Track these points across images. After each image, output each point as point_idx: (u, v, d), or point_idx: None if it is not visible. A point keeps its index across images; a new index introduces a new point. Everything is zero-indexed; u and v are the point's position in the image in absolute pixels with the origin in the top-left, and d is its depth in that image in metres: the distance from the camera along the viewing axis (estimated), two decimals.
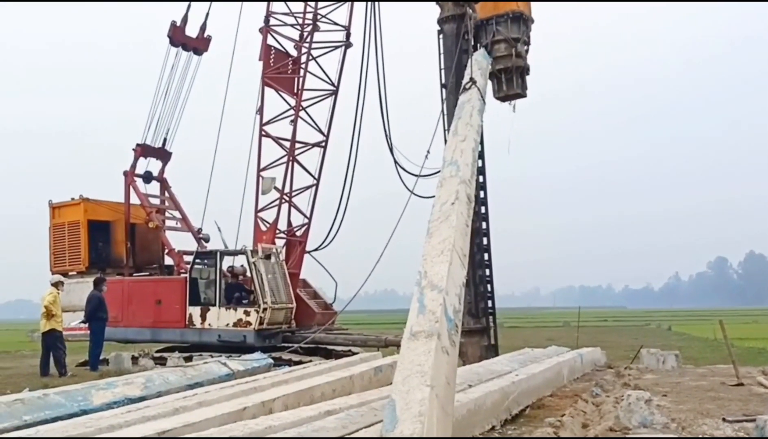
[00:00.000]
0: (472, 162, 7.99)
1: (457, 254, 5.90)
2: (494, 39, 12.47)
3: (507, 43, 12.39)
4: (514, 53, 12.37)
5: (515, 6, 12.38)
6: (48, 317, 13.02)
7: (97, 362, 13.74)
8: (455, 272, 5.70)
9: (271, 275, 14.50)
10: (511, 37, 12.40)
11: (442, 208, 6.64)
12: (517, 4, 12.44)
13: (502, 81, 12.55)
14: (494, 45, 12.50)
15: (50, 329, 13.03)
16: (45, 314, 13.04)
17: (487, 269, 13.97)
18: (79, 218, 16.21)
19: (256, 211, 15.41)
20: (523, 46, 12.58)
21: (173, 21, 17.03)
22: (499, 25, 12.40)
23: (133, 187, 16.58)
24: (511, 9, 12.36)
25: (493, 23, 12.41)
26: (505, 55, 12.42)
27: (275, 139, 15.34)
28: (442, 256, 5.76)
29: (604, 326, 40.02)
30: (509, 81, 12.55)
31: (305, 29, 15.39)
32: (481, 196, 13.97)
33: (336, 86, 15.45)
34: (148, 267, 16.76)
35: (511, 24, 12.43)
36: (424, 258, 5.82)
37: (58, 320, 13.13)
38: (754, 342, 20.56)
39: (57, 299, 13.24)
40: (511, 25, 12.44)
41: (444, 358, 4.85)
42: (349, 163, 15.17)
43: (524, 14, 12.56)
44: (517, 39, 12.44)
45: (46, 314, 13.02)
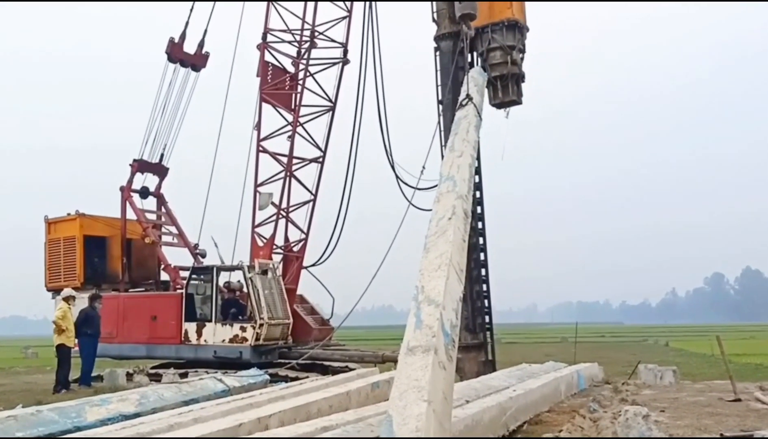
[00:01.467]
0: (468, 177, 8.02)
1: (454, 269, 5.90)
2: (490, 46, 12.64)
3: (502, 51, 12.57)
4: (510, 61, 12.55)
5: (510, 14, 12.59)
6: (59, 332, 13.02)
7: (88, 378, 13.63)
8: (452, 286, 5.69)
9: (268, 291, 14.46)
10: (507, 44, 12.58)
11: (439, 223, 6.65)
12: (512, 12, 12.63)
13: (497, 88, 12.71)
14: (490, 52, 12.67)
15: (60, 343, 13.01)
16: (56, 329, 13.04)
17: (484, 285, 13.97)
18: (75, 234, 16.19)
19: (253, 227, 15.41)
20: (518, 53, 12.75)
21: (171, 38, 17.16)
22: (494, 33, 12.60)
23: (130, 202, 16.59)
24: (506, 17, 12.57)
25: (489, 31, 12.60)
26: (500, 63, 12.61)
27: (272, 154, 15.39)
28: (439, 271, 5.75)
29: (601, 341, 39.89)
30: (505, 88, 12.72)
31: (303, 46, 15.51)
32: (478, 212, 14.02)
33: (333, 102, 15.54)
34: (144, 283, 16.70)
35: (506, 32, 12.62)
36: (421, 273, 5.82)
37: (69, 335, 13.13)
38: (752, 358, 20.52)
39: (67, 313, 13.24)
40: (507, 33, 12.63)
41: (441, 373, 4.82)
42: (347, 179, 15.22)
43: (519, 22, 12.76)
44: (512, 47, 12.62)
45: (57, 329, 13.00)
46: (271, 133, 15.49)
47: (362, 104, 14.75)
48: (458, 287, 5.89)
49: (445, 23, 13.89)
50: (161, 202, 17.33)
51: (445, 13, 13.98)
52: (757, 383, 11.09)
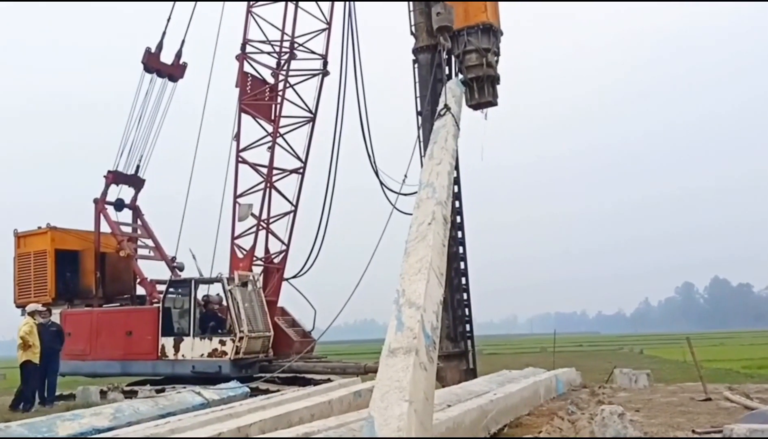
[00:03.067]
0: (447, 184, 8.13)
1: (434, 273, 5.96)
2: (466, 49, 12.95)
3: (478, 53, 12.91)
4: (485, 63, 12.82)
5: (485, 18, 12.96)
6: (24, 348, 12.58)
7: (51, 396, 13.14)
8: (432, 289, 5.75)
9: (248, 303, 14.33)
10: (482, 47, 12.91)
11: (419, 228, 6.72)
12: (487, 16, 12.97)
13: (474, 89, 13.00)
14: (466, 55, 12.98)
15: (25, 360, 12.60)
16: (21, 345, 12.60)
17: (464, 293, 14.04)
18: (45, 248, 15.83)
19: (232, 239, 15.29)
20: (493, 56, 13.05)
21: (148, 47, 17.04)
22: (470, 36, 12.93)
23: (104, 215, 16.30)
24: (481, 21, 12.96)
25: (465, 34, 12.93)
26: (476, 65, 12.93)
27: (252, 165, 15.33)
28: (419, 274, 5.81)
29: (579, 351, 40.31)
30: (481, 89, 13.01)
31: (282, 57, 15.53)
32: (458, 221, 14.12)
33: (313, 113, 15.56)
34: (118, 297, 16.40)
35: (481, 35, 12.98)
36: (401, 277, 5.87)
37: (35, 351, 12.68)
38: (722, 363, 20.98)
39: (33, 329, 12.82)
40: (482, 36, 12.98)
41: (422, 374, 4.85)
42: (328, 189, 15.23)
43: (494, 26, 13.11)
44: (487, 49, 12.95)
45: (23, 345, 12.59)
46: (251, 144, 15.45)
47: (342, 115, 14.85)
48: (438, 290, 5.95)
49: (422, 36, 14.09)
50: (137, 214, 17.09)
51: (423, 26, 14.18)
52: (726, 384, 11.43)
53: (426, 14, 14.04)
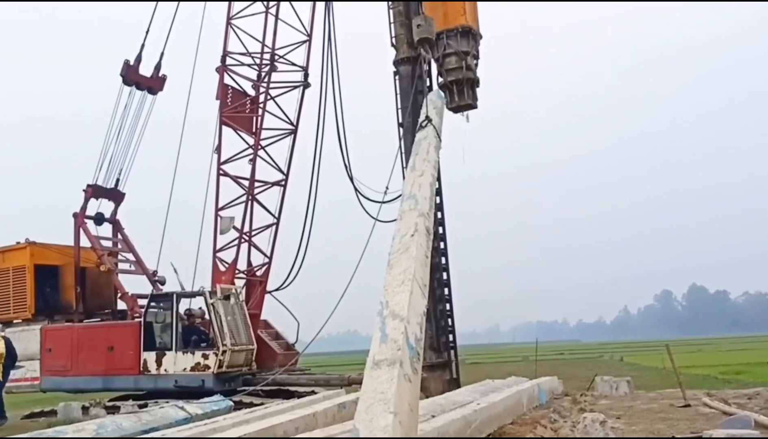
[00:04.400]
0: (430, 196, 8.21)
1: (417, 284, 6.02)
2: (445, 52, 13.09)
3: (457, 56, 13.04)
4: (465, 66, 12.98)
5: (464, 21, 13.12)
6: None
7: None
8: (416, 301, 5.81)
9: (231, 317, 14.25)
10: (461, 50, 13.05)
11: (402, 240, 6.78)
12: (466, 19, 13.14)
13: (454, 92, 13.13)
14: (445, 58, 13.12)
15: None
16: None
17: (447, 304, 14.12)
18: (25, 263, 15.65)
19: (214, 252, 15.21)
20: (472, 59, 13.22)
21: (126, 60, 16.97)
22: (449, 39, 13.07)
23: (84, 229, 16.15)
24: (460, 24, 13.10)
25: (444, 37, 13.06)
26: (456, 68, 13.06)
27: (234, 178, 15.30)
28: (403, 286, 5.87)
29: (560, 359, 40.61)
30: (461, 92, 13.14)
31: (263, 69, 15.56)
32: (440, 232, 14.22)
33: (295, 125, 15.59)
34: (99, 312, 16.22)
35: (460, 38, 13.12)
36: (385, 288, 5.92)
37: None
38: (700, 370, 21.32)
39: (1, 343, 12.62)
40: (461, 39, 13.12)
41: (407, 385, 4.90)
42: (310, 201, 15.24)
43: (473, 29, 13.27)
44: (466, 52, 13.10)
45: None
46: (232, 157, 15.42)
47: (323, 127, 14.89)
48: (422, 301, 6.01)
49: (403, 48, 14.25)
50: (117, 228, 16.94)
51: (403, 38, 14.35)
52: (704, 391, 11.63)
53: (406, 26, 14.21)
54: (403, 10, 14.34)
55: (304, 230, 15.17)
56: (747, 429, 6.46)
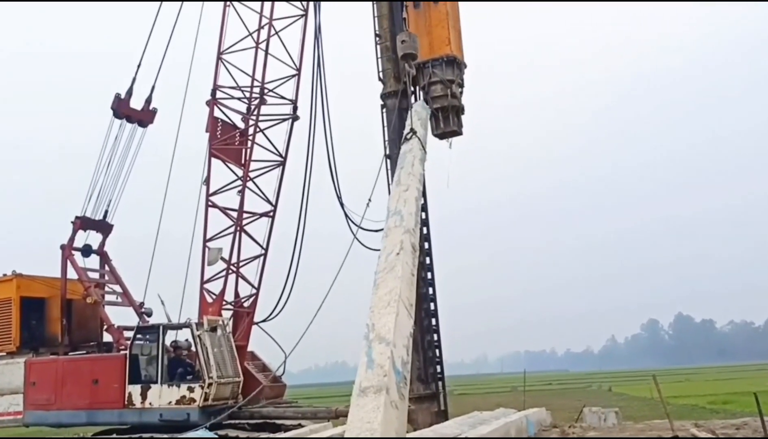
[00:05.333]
0: (415, 211, 8.28)
1: (403, 305, 6.07)
2: (431, 80, 13.45)
3: (443, 85, 13.38)
4: (450, 94, 13.28)
5: (449, 51, 13.51)
6: None
7: None
8: (402, 322, 5.85)
9: (217, 349, 14.14)
10: (446, 78, 13.38)
11: (388, 258, 6.83)
12: (451, 49, 13.51)
13: (439, 119, 13.40)
14: (431, 86, 13.47)
15: None
16: None
17: (435, 334, 14.16)
18: (11, 295, 15.46)
19: (201, 283, 15.15)
20: (457, 87, 13.52)
21: (117, 94, 17.10)
22: (435, 68, 13.45)
23: (71, 261, 16.05)
24: (445, 53, 13.52)
25: (430, 66, 13.38)
26: (441, 95, 13.42)
27: (222, 209, 15.33)
28: (389, 307, 5.91)
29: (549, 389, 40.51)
30: (446, 119, 13.47)
31: (252, 102, 15.74)
32: (427, 262, 14.32)
33: (284, 157, 15.73)
34: (85, 345, 16.02)
35: (445, 67, 13.51)
36: (371, 310, 5.96)
37: None
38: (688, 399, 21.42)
39: None
40: (446, 68, 13.51)
41: (393, 413, 4.94)
42: (298, 233, 15.32)
43: (457, 59, 13.61)
44: (451, 81, 13.44)
45: None
46: (221, 188, 15.47)
47: (312, 159, 15.09)
48: (408, 322, 6.05)
49: (390, 82, 14.55)
50: (105, 260, 16.84)
51: (390, 72, 14.66)
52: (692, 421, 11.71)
53: (393, 61, 14.54)
54: (390, 46, 14.67)
55: (292, 262, 15.22)
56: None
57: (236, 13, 15.50)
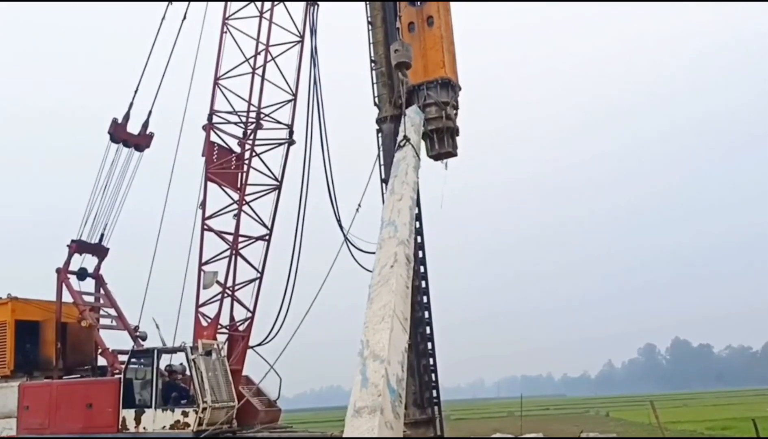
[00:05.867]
0: (410, 221, 8.29)
1: (398, 319, 6.07)
2: (426, 102, 13.59)
3: (437, 106, 13.52)
4: (444, 115, 13.42)
5: (443, 73, 13.70)
6: None
7: None
8: (397, 338, 5.84)
9: (212, 373, 14.08)
10: (441, 100, 13.54)
11: (382, 271, 6.82)
12: (445, 72, 13.69)
13: (434, 141, 13.53)
14: (426, 108, 13.62)
15: None
16: None
17: (431, 359, 14.12)
18: (6, 319, 15.41)
19: (196, 307, 15.14)
20: (452, 109, 13.68)
21: (114, 118, 17.25)
22: (429, 90, 13.60)
23: (66, 284, 16.03)
24: (439, 76, 13.70)
25: (424, 88, 13.55)
26: (436, 117, 13.57)
27: (218, 233, 15.38)
28: (383, 323, 5.89)
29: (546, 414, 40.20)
30: (441, 140, 13.60)
31: (249, 127, 15.90)
32: (423, 286, 14.34)
33: (279, 181, 15.84)
34: (79, 369, 15.93)
35: (440, 89, 13.67)
36: (365, 325, 5.95)
37: None
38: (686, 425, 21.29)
39: None
40: (441, 90, 13.68)
41: (388, 433, 4.93)
42: (293, 256, 15.36)
43: (452, 81, 13.77)
44: (446, 103, 13.58)
45: None
46: (217, 212, 15.54)
47: (308, 183, 15.21)
48: (403, 337, 6.03)
49: (386, 107, 14.73)
50: (100, 283, 16.84)
51: (386, 97, 14.86)
52: None
53: (389, 86, 14.76)
54: (385, 72, 14.90)
55: (287, 286, 15.25)
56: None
57: (233, 39, 15.74)
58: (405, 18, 14.19)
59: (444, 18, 14.14)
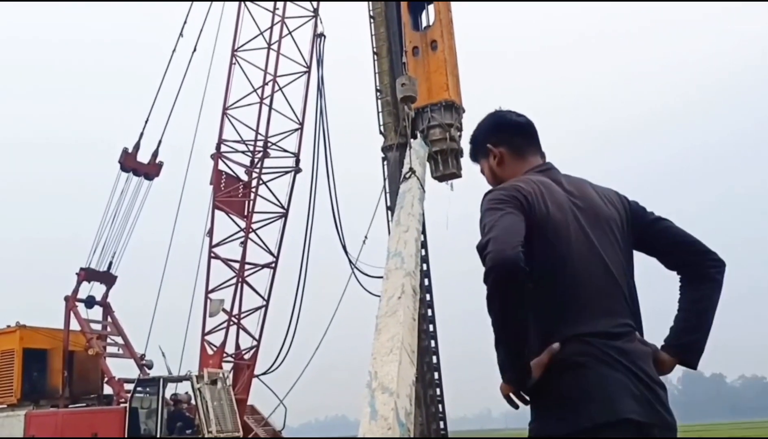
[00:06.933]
0: (415, 252, 8.29)
1: (406, 352, 6.04)
2: (430, 124, 13.70)
3: (441, 128, 13.63)
4: (448, 137, 13.53)
5: (447, 96, 13.84)
6: None
7: None
8: (405, 371, 5.81)
9: (217, 402, 14.00)
10: (445, 122, 13.66)
11: (389, 302, 6.81)
12: (449, 94, 13.85)
13: (438, 162, 13.62)
14: (430, 130, 13.72)
15: None
16: None
17: (437, 389, 14.00)
18: (14, 347, 15.40)
19: (202, 335, 15.16)
20: (456, 131, 13.79)
21: (125, 148, 17.48)
22: (433, 112, 13.71)
23: (74, 312, 16.06)
24: (443, 98, 13.81)
25: (428, 110, 13.68)
26: (440, 139, 13.64)
27: (224, 260, 15.48)
28: (391, 355, 5.87)
29: None
30: (445, 162, 13.66)
31: (256, 156, 16.10)
32: (429, 314, 14.32)
33: (286, 209, 15.97)
34: (85, 397, 15.90)
35: (444, 111, 13.77)
36: (373, 357, 5.92)
37: None
38: None
39: None
40: (444, 112, 13.77)
41: None
42: (299, 285, 15.43)
43: (455, 103, 13.91)
44: (450, 124, 13.69)
45: None
46: (224, 240, 15.67)
47: (314, 211, 15.33)
48: (411, 370, 6.02)
49: (391, 135, 14.88)
50: (107, 311, 16.86)
51: (391, 126, 15.02)
52: None
53: (394, 115, 14.93)
54: (390, 101, 15.09)
55: (293, 314, 15.28)
56: None
57: (242, 70, 16.05)
58: (409, 42, 14.42)
59: (448, 42, 14.33)
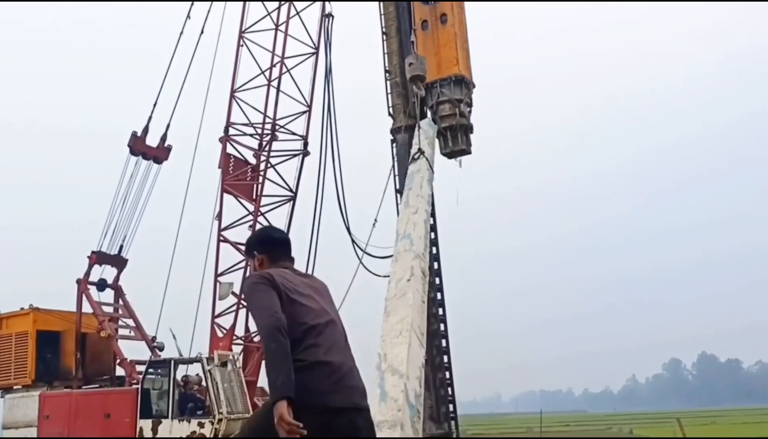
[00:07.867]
0: (425, 234, 8.29)
1: (415, 334, 6.05)
2: (439, 100, 13.55)
3: (451, 104, 13.46)
4: (458, 113, 13.35)
5: (457, 70, 13.63)
6: None
7: None
8: (415, 353, 5.82)
9: (227, 384, 14.12)
10: (455, 98, 13.47)
11: (398, 284, 6.82)
12: (459, 69, 13.63)
13: (447, 138, 13.47)
14: (439, 105, 13.56)
15: None
16: None
17: (447, 372, 14.00)
18: (27, 329, 15.63)
19: (212, 317, 15.25)
20: (465, 106, 13.61)
21: (134, 131, 17.53)
22: (443, 88, 13.55)
23: (86, 295, 16.23)
24: (453, 73, 13.64)
25: (438, 86, 13.50)
26: (449, 114, 13.50)
27: (234, 244, 15.51)
28: (400, 337, 5.88)
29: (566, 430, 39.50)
30: (454, 138, 13.52)
31: (264, 139, 16.06)
32: (438, 298, 14.27)
33: (294, 192, 15.96)
34: (98, 378, 16.10)
35: (453, 86, 13.61)
36: (383, 339, 5.94)
37: None
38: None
39: None
40: (454, 87, 13.61)
41: None
42: (308, 268, 15.37)
43: (465, 78, 13.72)
44: (459, 100, 13.52)
45: None
46: (232, 223, 15.70)
47: (322, 194, 15.30)
48: (420, 352, 6.03)
49: (400, 117, 14.79)
50: (119, 294, 17.02)
51: (400, 108, 14.92)
52: None
53: (403, 96, 14.81)
54: (399, 82, 14.97)
55: None
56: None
57: (249, 52, 15.96)
58: (418, 16, 14.17)
59: (458, 15, 14.09)
